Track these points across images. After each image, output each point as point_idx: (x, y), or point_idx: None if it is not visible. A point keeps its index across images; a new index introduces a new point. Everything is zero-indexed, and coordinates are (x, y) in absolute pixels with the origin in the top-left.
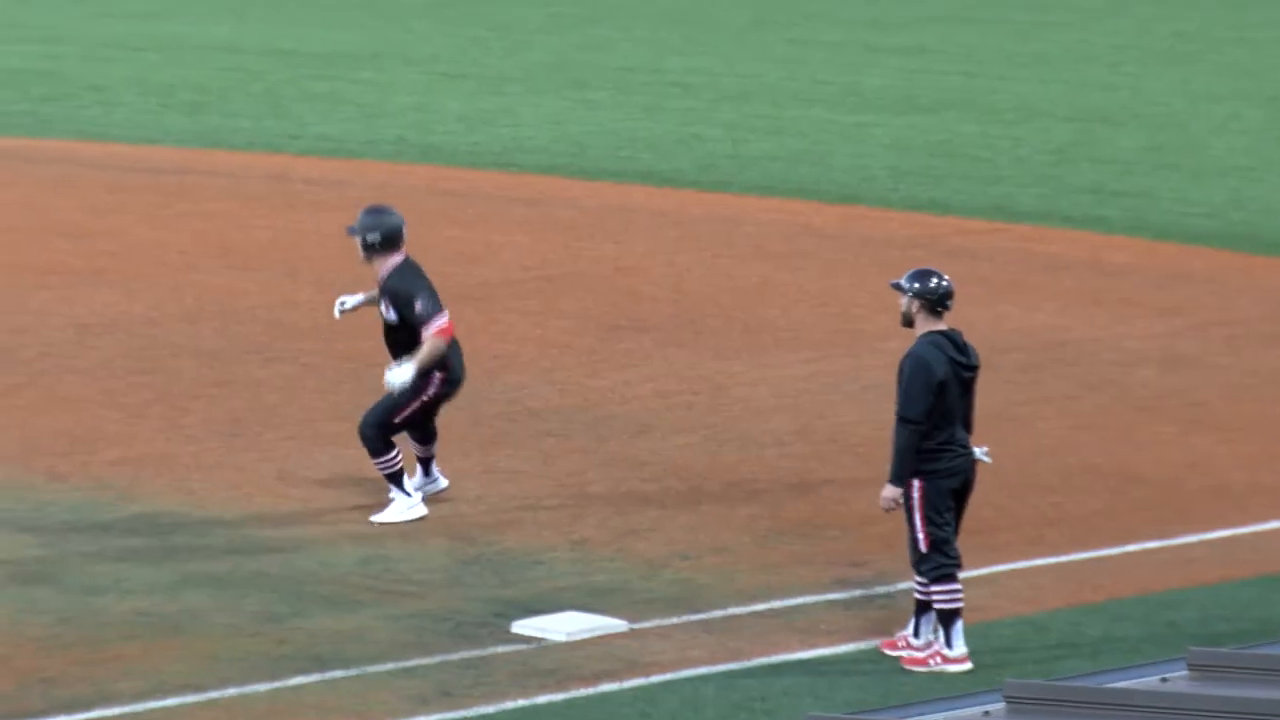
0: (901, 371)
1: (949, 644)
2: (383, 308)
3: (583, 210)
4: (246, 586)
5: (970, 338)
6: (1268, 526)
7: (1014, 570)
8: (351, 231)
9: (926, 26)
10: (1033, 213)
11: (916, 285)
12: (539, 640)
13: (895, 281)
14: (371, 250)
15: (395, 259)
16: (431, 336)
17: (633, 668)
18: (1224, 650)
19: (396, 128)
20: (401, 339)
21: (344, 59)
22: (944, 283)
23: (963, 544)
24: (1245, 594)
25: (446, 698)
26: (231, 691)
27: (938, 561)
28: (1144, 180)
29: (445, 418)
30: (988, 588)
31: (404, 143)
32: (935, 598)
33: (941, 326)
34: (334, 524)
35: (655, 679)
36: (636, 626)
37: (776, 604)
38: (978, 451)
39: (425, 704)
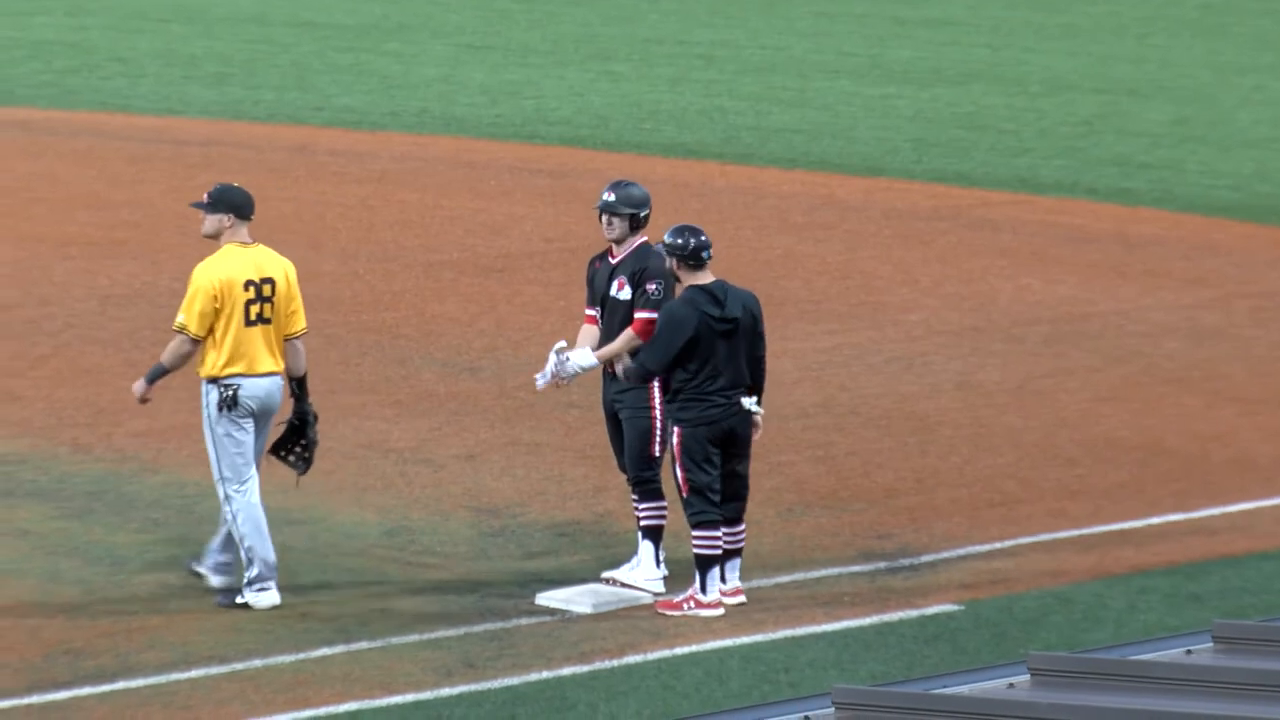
0: (659, 321)
1: (703, 589)
2: (613, 287)
3: (605, 182)
4: None
5: (993, 310)
6: None
7: (1037, 542)
8: (608, 206)
9: None
10: (1057, 185)
11: (666, 241)
12: (563, 612)
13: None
14: (637, 226)
15: (640, 238)
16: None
17: (657, 640)
18: (1249, 623)
19: (420, 100)
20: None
21: (371, 31)
22: (691, 241)
23: (985, 516)
24: (1269, 566)
25: (471, 669)
26: (256, 663)
27: (698, 507)
28: (1170, 153)
29: (471, 390)
30: (1010, 560)
31: (427, 114)
32: (694, 542)
33: (704, 280)
34: (358, 496)
35: (680, 651)
36: (661, 598)
37: (800, 576)
38: (746, 402)
39: (450, 676)
